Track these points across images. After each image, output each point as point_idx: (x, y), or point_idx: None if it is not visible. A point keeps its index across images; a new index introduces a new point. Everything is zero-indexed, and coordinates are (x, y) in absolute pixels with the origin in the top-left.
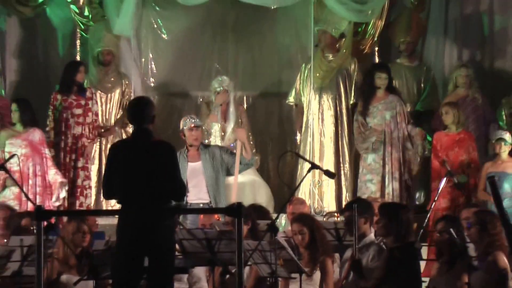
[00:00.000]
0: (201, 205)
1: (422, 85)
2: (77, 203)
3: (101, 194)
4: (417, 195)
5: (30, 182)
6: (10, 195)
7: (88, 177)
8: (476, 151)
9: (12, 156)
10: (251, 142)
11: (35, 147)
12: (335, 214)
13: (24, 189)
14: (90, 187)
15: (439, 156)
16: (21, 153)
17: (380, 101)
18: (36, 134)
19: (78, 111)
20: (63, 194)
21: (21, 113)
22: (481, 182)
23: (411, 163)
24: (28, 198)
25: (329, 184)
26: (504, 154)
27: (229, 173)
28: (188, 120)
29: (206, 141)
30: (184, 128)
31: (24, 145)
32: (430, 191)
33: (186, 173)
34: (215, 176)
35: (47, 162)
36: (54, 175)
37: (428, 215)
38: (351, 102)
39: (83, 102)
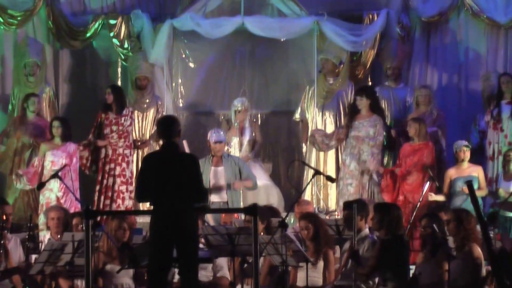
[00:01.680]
0: (221, 203)
1: (406, 104)
2: (114, 205)
3: None
4: None
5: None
6: (54, 198)
7: (124, 183)
8: (433, 158)
9: (64, 167)
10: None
11: (71, 157)
12: (336, 212)
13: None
14: (127, 191)
15: (397, 165)
16: (62, 163)
17: (366, 118)
18: (72, 147)
19: (115, 127)
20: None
21: (63, 129)
22: (445, 185)
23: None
24: (78, 200)
25: (332, 187)
26: (467, 159)
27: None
28: (213, 134)
29: (227, 151)
30: (210, 140)
31: (64, 156)
32: None
33: (209, 175)
34: (234, 180)
35: (73, 171)
36: (73, 184)
37: (414, 213)
38: None
39: (120, 120)
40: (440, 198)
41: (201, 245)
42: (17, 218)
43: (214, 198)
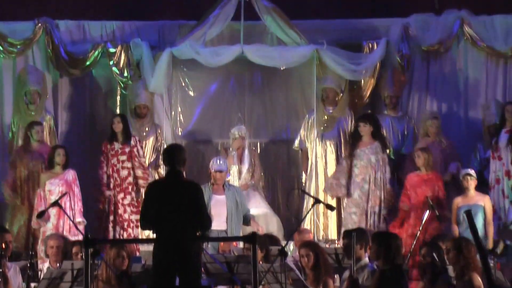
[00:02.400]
0: (220, 232)
1: (405, 132)
2: (125, 234)
3: None
4: None
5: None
6: (50, 226)
7: (134, 212)
8: (443, 189)
9: (64, 194)
10: (262, 184)
11: (69, 185)
12: (336, 241)
13: (61, 221)
14: (129, 221)
15: (406, 195)
16: (59, 191)
17: (367, 146)
18: (70, 174)
19: (123, 157)
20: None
21: (67, 157)
22: (453, 214)
23: (389, 201)
24: (77, 229)
25: (332, 216)
26: (472, 188)
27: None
28: (215, 163)
29: (226, 180)
30: (211, 169)
31: (61, 183)
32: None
33: (211, 202)
34: (235, 209)
35: (75, 199)
36: (78, 211)
37: (414, 242)
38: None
39: (127, 149)
40: (455, 230)
41: None
42: (20, 246)
43: (213, 226)
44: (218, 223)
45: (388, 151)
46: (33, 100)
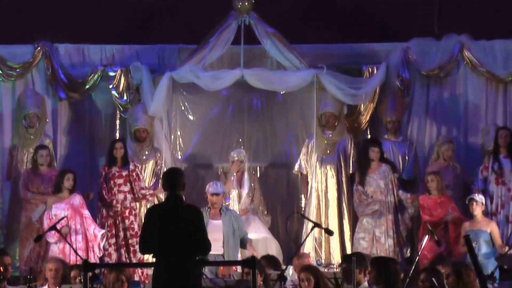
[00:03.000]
0: (216, 256)
1: (406, 157)
2: (124, 258)
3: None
4: (404, 249)
5: (72, 239)
6: (56, 250)
7: (133, 236)
8: (458, 210)
9: (62, 218)
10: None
11: (76, 209)
12: (335, 265)
13: (67, 245)
14: (137, 244)
15: (426, 213)
16: (65, 215)
17: (375, 171)
18: (77, 199)
19: (120, 180)
20: (103, 243)
21: (75, 182)
22: (461, 239)
23: (404, 222)
24: (76, 253)
25: (332, 240)
26: (477, 213)
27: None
28: (211, 187)
29: (225, 204)
30: (207, 192)
31: (67, 208)
32: (416, 245)
33: (207, 227)
34: (232, 234)
35: (87, 221)
36: (93, 230)
37: (413, 267)
38: (350, 172)
39: (124, 173)
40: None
41: None
42: (28, 269)
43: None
44: (215, 248)
45: (396, 174)
46: (32, 124)
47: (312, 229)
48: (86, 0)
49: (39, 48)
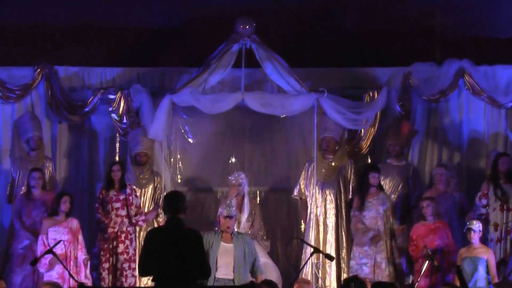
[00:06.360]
0: (227, 281)
1: (410, 181)
2: (118, 283)
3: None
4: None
5: (72, 263)
6: (55, 275)
7: (127, 260)
8: (451, 237)
9: (58, 242)
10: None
11: (74, 233)
12: None
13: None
14: (130, 268)
15: (412, 245)
16: (65, 239)
17: (374, 196)
18: (74, 223)
19: (117, 204)
20: (88, 270)
21: (72, 205)
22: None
23: (396, 249)
24: (72, 277)
25: (331, 266)
26: (475, 241)
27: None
28: (225, 209)
29: None
30: (220, 215)
31: (66, 232)
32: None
33: (218, 250)
34: (243, 258)
35: (79, 246)
36: (81, 255)
37: None
38: (350, 197)
39: (121, 197)
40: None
41: None
42: None
43: (220, 274)
44: (226, 272)
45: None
46: (36, 147)
47: (312, 254)
48: (87, 23)
49: (38, 70)
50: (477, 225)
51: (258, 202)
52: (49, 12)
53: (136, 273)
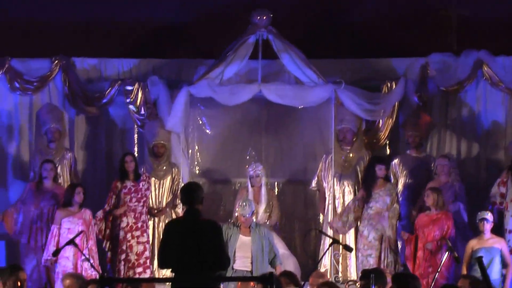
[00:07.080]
0: (245, 272)
1: (433, 172)
2: (136, 273)
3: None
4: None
5: (86, 253)
6: (70, 265)
7: (140, 254)
8: (452, 228)
9: (80, 233)
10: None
11: (87, 224)
12: (353, 282)
13: (79, 260)
14: (148, 258)
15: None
16: (78, 229)
17: (381, 188)
18: (87, 214)
19: (134, 195)
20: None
21: (85, 196)
22: (465, 257)
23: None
24: (94, 268)
25: (350, 257)
26: (487, 232)
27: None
28: (241, 208)
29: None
30: (237, 212)
31: (81, 222)
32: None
33: (236, 243)
34: (261, 250)
35: (92, 237)
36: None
37: (432, 284)
38: None
39: (138, 188)
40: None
41: None
42: (38, 285)
43: (238, 266)
44: (244, 264)
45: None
46: (54, 139)
47: (330, 245)
48: (104, 15)
49: (56, 62)
50: (489, 215)
51: (276, 193)
52: (66, 6)
53: (148, 263)
